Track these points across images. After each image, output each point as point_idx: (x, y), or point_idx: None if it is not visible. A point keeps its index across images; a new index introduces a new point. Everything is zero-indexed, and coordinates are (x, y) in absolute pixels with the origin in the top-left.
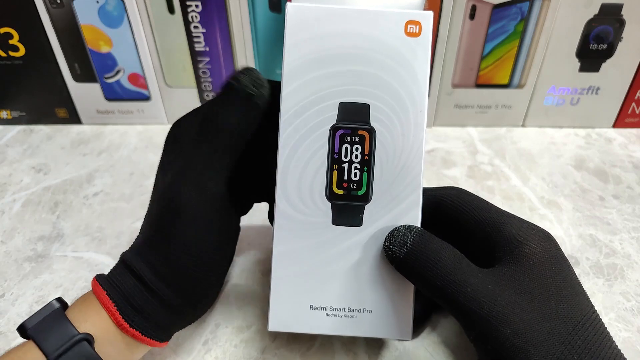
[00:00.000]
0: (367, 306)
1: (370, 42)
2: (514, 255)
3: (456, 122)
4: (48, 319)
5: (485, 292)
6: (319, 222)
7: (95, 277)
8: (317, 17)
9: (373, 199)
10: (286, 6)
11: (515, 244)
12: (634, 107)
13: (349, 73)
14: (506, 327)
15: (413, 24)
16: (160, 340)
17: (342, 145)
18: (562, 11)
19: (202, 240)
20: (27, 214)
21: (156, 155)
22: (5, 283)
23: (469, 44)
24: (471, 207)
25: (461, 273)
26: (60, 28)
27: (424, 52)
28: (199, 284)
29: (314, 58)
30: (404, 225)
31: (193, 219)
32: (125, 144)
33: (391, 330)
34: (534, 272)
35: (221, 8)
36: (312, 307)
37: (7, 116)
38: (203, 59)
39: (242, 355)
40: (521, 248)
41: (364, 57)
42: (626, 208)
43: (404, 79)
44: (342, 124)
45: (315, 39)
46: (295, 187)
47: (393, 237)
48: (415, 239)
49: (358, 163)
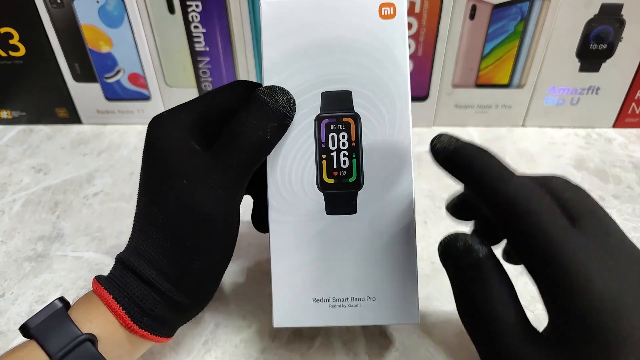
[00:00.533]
0: (371, 294)
1: (346, 29)
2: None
3: (456, 122)
4: (51, 319)
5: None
6: (313, 213)
7: (95, 278)
8: (290, 11)
9: (365, 185)
10: (260, 3)
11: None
12: (634, 107)
13: (328, 63)
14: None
15: (387, 6)
16: (167, 337)
17: (328, 134)
18: (562, 11)
19: (219, 248)
20: (27, 214)
21: None
22: (5, 283)
23: (469, 44)
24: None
25: (510, 173)
26: (60, 28)
27: (401, 34)
28: (208, 284)
29: (292, 52)
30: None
31: (213, 229)
32: (125, 144)
33: (397, 315)
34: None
35: (221, 8)
36: (315, 299)
37: (7, 116)
38: (203, 59)
39: (242, 355)
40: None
41: (341, 46)
42: (626, 208)
43: (384, 62)
44: (326, 114)
45: (292, 33)
46: (286, 181)
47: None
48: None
49: (346, 150)
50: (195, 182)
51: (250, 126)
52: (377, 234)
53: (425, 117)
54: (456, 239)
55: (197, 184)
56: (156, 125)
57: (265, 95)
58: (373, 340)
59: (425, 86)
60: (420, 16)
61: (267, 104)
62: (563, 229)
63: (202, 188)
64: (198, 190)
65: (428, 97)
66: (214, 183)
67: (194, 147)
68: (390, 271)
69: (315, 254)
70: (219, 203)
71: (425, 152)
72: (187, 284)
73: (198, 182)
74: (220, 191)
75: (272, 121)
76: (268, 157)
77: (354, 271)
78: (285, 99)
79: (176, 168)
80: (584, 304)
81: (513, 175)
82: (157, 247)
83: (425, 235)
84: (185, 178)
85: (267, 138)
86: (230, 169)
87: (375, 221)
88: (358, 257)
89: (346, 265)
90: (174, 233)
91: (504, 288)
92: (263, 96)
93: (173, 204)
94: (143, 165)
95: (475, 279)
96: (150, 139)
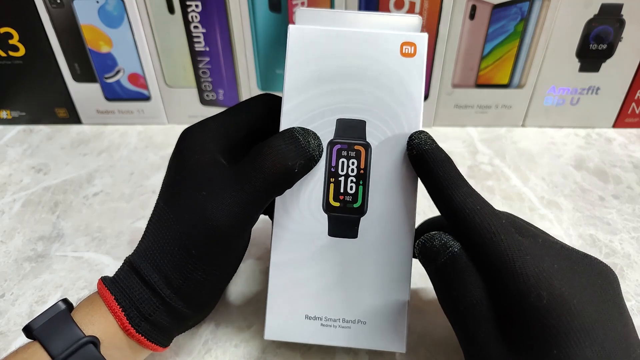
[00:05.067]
0: (362, 317)
1: (367, 62)
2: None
3: (456, 122)
4: (54, 321)
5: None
6: (315, 233)
7: (100, 279)
8: (317, 38)
9: (369, 212)
10: (288, 27)
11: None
12: (634, 107)
13: (346, 91)
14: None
15: (408, 45)
16: (163, 346)
17: (338, 159)
18: (562, 11)
19: (223, 262)
20: (27, 214)
21: (156, 155)
22: (5, 283)
23: (469, 44)
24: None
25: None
26: (60, 28)
27: (419, 72)
28: (208, 295)
29: (314, 76)
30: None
31: (221, 242)
32: (125, 144)
33: (385, 342)
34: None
35: (221, 8)
36: (308, 316)
37: (7, 116)
38: (203, 59)
39: (242, 355)
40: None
41: (361, 76)
42: (626, 208)
43: (400, 97)
44: (339, 139)
45: (315, 59)
46: (294, 199)
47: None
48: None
49: (354, 177)
50: (213, 194)
51: (281, 153)
52: (374, 260)
53: (425, 117)
54: (432, 238)
55: (214, 196)
56: (187, 135)
57: (299, 134)
58: None
59: (425, 86)
60: (420, 16)
61: (300, 141)
62: (504, 227)
63: (218, 201)
64: (214, 202)
65: (428, 97)
66: (231, 199)
67: (219, 161)
68: (383, 298)
69: (312, 272)
70: (232, 218)
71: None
72: (187, 293)
73: (216, 195)
74: (236, 208)
75: (301, 158)
76: None
77: (347, 294)
78: (316, 144)
79: (198, 178)
80: (522, 285)
81: (466, 185)
82: (164, 251)
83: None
84: (205, 189)
85: (295, 171)
86: (250, 189)
87: (374, 248)
88: (353, 281)
89: (341, 287)
90: (182, 240)
91: (477, 277)
92: (297, 134)
93: (187, 211)
94: (168, 170)
95: (453, 270)
96: (179, 147)
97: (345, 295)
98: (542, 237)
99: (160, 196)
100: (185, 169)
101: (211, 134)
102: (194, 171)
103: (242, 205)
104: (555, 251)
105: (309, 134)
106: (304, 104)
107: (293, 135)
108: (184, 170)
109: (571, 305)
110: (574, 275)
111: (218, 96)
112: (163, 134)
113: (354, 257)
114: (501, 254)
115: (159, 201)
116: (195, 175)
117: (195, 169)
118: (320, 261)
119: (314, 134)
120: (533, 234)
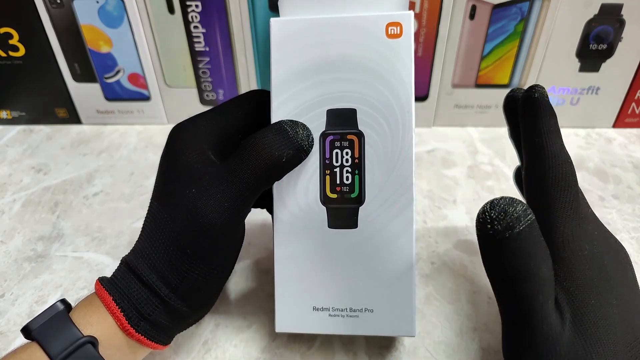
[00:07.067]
0: (368, 305)
1: (353, 49)
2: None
3: (456, 122)
4: (52, 321)
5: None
6: (315, 226)
7: (98, 279)
8: (299, 29)
9: (367, 201)
10: (270, 21)
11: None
12: (634, 107)
13: (335, 81)
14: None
15: (394, 25)
16: (163, 344)
17: (332, 150)
18: (562, 11)
19: (219, 259)
20: (27, 214)
21: (156, 155)
22: (5, 283)
23: (469, 44)
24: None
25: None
26: (60, 28)
27: (407, 53)
28: (207, 293)
29: (301, 69)
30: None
31: (215, 239)
32: (125, 144)
33: (394, 327)
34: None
35: (221, 8)
36: (315, 308)
37: (7, 116)
38: (203, 59)
39: (242, 355)
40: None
41: (348, 64)
42: (626, 208)
43: (390, 81)
44: (331, 130)
45: (300, 51)
46: (292, 194)
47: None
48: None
49: (349, 167)
50: (203, 191)
51: (268, 144)
52: (376, 248)
53: (425, 117)
54: (513, 203)
55: (204, 193)
56: (177, 132)
57: (287, 125)
58: (373, 340)
59: (425, 86)
60: (420, 16)
61: (288, 132)
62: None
63: (208, 197)
64: (204, 199)
65: (428, 97)
66: (221, 194)
67: (209, 157)
68: (388, 285)
69: (316, 265)
70: (222, 213)
71: (425, 152)
72: (186, 292)
73: (205, 192)
74: (225, 203)
75: (289, 148)
76: None
77: (353, 283)
78: (305, 134)
79: (188, 176)
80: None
81: (558, 142)
82: (161, 251)
83: (425, 235)
84: (194, 186)
85: (282, 161)
86: (239, 182)
87: (375, 236)
88: (357, 270)
89: (346, 277)
90: (177, 239)
91: (546, 251)
92: (285, 125)
93: (180, 210)
94: (159, 169)
95: (528, 236)
96: (169, 145)
97: (350, 284)
98: (592, 216)
99: (153, 195)
100: (176, 167)
101: (201, 131)
102: (185, 169)
103: (232, 199)
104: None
105: (298, 125)
106: (293, 99)
107: (281, 126)
108: (175, 168)
109: (604, 261)
110: (606, 241)
111: (218, 96)
112: (163, 134)
113: (356, 247)
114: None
115: (152, 200)
116: (186, 173)
117: (185, 167)
118: (322, 253)
119: (302, 125)
120: (589, 210)
